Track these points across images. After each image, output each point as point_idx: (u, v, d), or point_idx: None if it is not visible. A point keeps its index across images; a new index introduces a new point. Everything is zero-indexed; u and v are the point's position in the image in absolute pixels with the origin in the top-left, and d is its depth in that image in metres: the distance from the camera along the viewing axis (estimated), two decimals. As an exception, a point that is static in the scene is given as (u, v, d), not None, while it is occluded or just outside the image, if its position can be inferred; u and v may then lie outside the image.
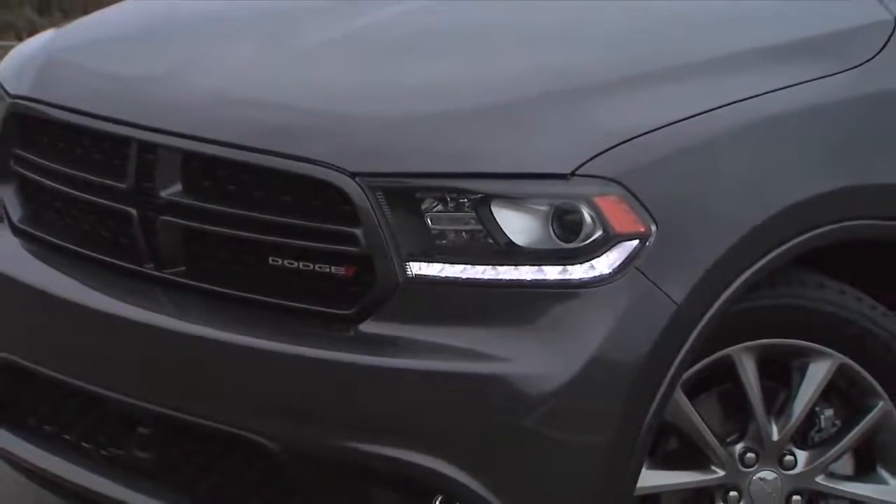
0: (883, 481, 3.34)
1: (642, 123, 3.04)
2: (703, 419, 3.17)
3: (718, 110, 3.11)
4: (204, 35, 3.65)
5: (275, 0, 3.84)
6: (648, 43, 3.40)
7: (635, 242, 2.97)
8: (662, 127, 3.04)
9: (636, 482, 3.05)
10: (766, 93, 3.19)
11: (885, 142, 3.32)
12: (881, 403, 3.28)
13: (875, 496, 3.33)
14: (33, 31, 4.66)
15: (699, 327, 3.01)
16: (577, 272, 2.96)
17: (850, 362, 3.23)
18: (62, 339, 3.35)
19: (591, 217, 2.96)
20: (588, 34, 3.50)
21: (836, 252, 3.26)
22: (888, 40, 3.40)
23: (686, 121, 3.07)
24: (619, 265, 2.96)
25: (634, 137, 3.01)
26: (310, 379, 3.02)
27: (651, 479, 3.14)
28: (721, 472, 3.21)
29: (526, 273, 2.96)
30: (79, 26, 3.99)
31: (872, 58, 3.36)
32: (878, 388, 3.27)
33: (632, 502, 3.09)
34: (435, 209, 2.98)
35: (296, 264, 3.08)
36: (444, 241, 2.98)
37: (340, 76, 3.32)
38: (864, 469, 3.35)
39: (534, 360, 2.93)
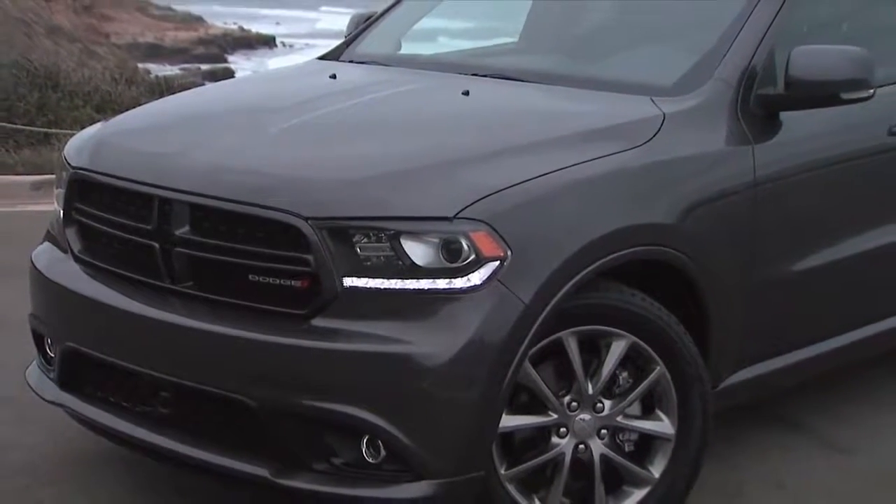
0: (659, 419, 3.26)
1: (501, 182, 3.01)
2: (543, 380, 3.09)
3: (552, 173, 3.08)
4: (204, 126, 3.56)
5: (252, 101, 3.81)
6: (505, 129, 3.37)
7: (497, 262, 2.93)
8: (515, 185, 3.01)
9: (498, 423, 3.01)
10: (583, 162, 3.15)
11: (659, 195, 3.27)
12: (658, 368, 3.21)
13: (654, 429, 3.26)
14: (93, 123, 4.50)
15: (540, 319, 2.97)
16: (459, 283, 2.91)
17: (639, 341, 3.17)
18: (109, 332, 3.25)
19: (468, 246, 2.92)
20: (467, 123, 3.46)
21: (640, 269, 3.22)
22: (660, 128, 3.35)
23: (531, 181, 3.04)
24: (487, 278, 2.92)
25: (495, 192, 2.98)
26: (278, 357, 2.97)
27: (509, 421, 3.06)
28: (555, 416, 3.13)
29: (424, 284, 2.91)
30: (120, 119, 3.87)
31: (650, 139, 3.31)
32: (657, 357, 3.20)
33: (495, 438, 3.03)
34: (362, 241, 2.94)
35: (268, 279, 3.01)
36: (368, 263, 2.93)
37: (297, 152, 3.26)
38: (648, 411, 3.27)
39: (429, 343, 2.89)
